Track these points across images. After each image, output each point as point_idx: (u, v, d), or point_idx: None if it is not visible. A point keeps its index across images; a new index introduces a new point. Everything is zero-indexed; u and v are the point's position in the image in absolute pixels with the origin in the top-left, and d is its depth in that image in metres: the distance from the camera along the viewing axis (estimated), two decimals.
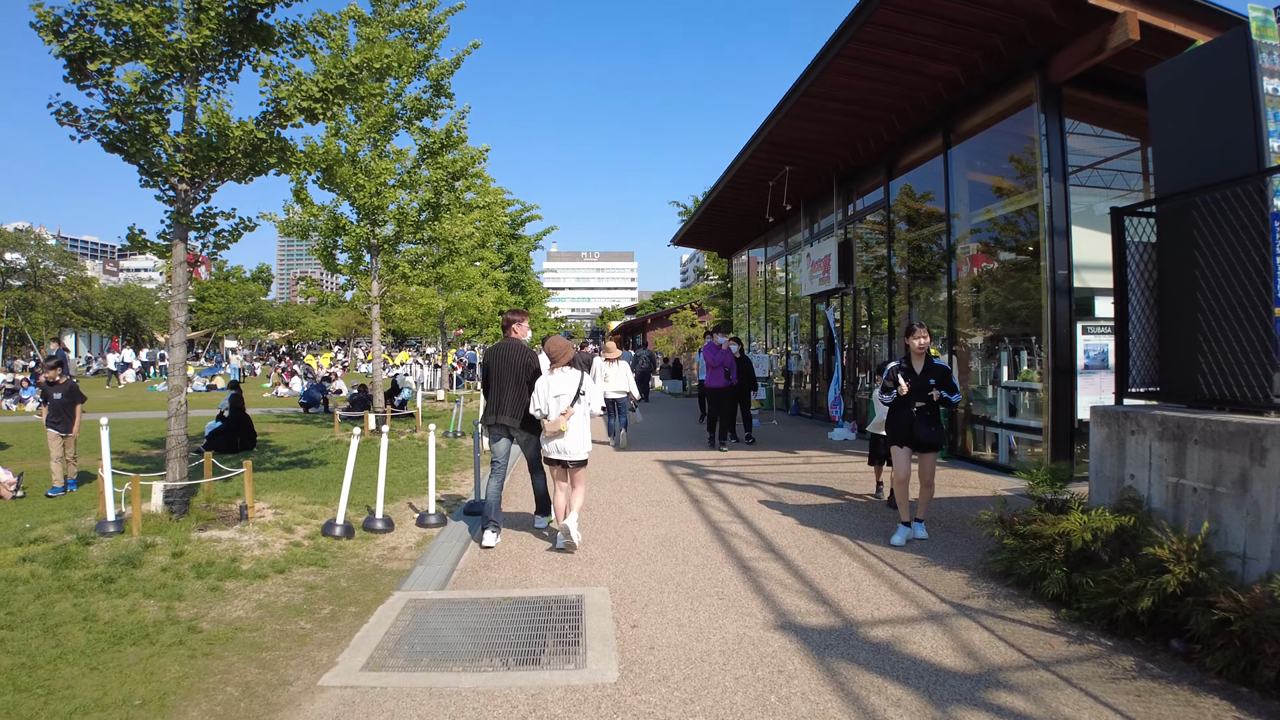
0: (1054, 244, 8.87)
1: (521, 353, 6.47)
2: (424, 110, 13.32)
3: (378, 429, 13.27)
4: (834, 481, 8.64)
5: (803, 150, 13.45)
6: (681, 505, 7.45)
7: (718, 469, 9.73)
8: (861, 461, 10.11)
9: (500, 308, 25.59)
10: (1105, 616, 4.25)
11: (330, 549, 6.10)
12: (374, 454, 11.07)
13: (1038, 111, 9.07)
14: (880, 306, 13.63)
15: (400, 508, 7.67)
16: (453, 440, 12.63)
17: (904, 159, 12.35)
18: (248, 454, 11.59)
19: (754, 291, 22.00)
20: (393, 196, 12.72)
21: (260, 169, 7.14)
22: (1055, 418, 8.81)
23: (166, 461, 6.70)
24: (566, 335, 49.74)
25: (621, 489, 8.38)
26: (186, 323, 6.80)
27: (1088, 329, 8.98)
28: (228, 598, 5.00)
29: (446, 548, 6.11)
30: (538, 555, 5.88)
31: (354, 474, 6.76)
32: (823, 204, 15.56)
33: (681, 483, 8.70)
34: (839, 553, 5.79)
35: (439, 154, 13.11)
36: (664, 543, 6.08)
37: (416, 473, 9.66)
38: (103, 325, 51.44)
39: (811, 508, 7.31)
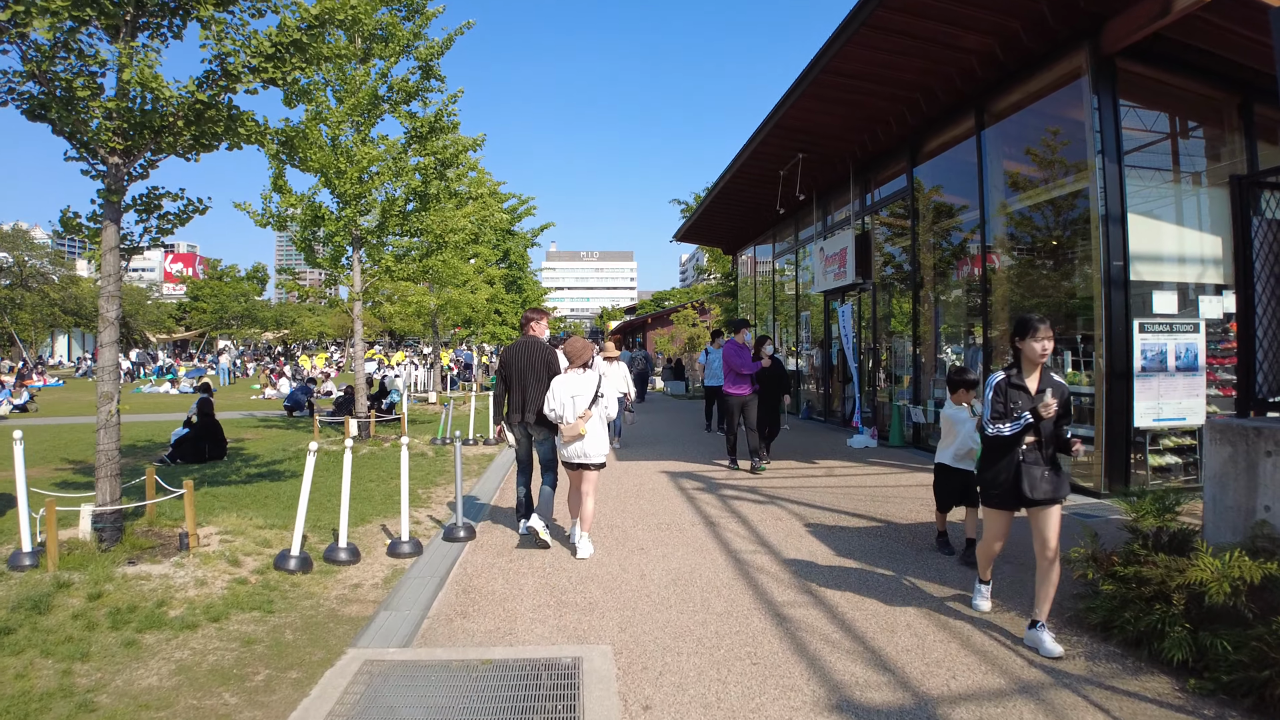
0: (1108, 232, 7.92)
1: (544, 351, 6.40)
2: (412, 94, 12.36)
3: (360, 435, 12.38)
4: (863, 499, 7.68)
5: (818, 135, 12.49)
6: (694, 529, 6.48)
7: (731, 483, 8.78)
8: (890, 473, 9.17)
9: (496, 305, 24.64)
10: (1253, 693, 3.30)
11: (281, 587, 5.13)
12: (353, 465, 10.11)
13: (1088, 86, 8.11)
14: (902, 303, 12.67)
15: (372, 531, 6.70)
16: (441, 448, 11.67)
17: (930, 143, 11.38)
18: (216, 464, 10.63)
19: (761, 289, 21.03)
20: (377, 184, 11.75)
21: (207, 141, 6.16)
22: (1110, 426, 7.87)
23: (95, 481, 5.74)
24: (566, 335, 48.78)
25: (625, 508, 7.41)
26: (119, 318, 5.83)
27: (1145, 327, 8.02)
28: (144, 656, 4.04)
29: (418, 586, 5.15)
30: (526, 593, 4.92)
31: (327, 489, 5.78)
32: (838, 194, 14.59)
33: (692, 500, 7.74)
34: (889, 594, 4.82)
35: (428, 139, 12.15)
36: (678, 580, 5.11)
37: (397, 486, 8.68)
38: (92, 325, 50.39)
39: (844, 533, 6.34)
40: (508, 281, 26.31)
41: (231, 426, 16.02)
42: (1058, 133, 9.29)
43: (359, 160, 11.63)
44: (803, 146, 13.00)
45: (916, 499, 7.61)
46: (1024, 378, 4.15)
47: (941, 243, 11.62)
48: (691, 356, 37.56)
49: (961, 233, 11.00)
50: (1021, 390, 4.10)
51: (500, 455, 11.20)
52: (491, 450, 11.79)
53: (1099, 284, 7.95)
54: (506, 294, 25.59)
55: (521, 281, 26.72)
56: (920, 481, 8.65)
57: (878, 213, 13.32)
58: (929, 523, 6.61)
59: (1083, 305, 8.95)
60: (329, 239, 11.66)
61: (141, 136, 5.72)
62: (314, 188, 11.83)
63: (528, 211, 27.15)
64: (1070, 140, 9.02)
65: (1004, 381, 4.14)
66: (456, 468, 6.33)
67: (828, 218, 15.26)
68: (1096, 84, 8.03)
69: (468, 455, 11.13)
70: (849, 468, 9.66)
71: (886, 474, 9.19)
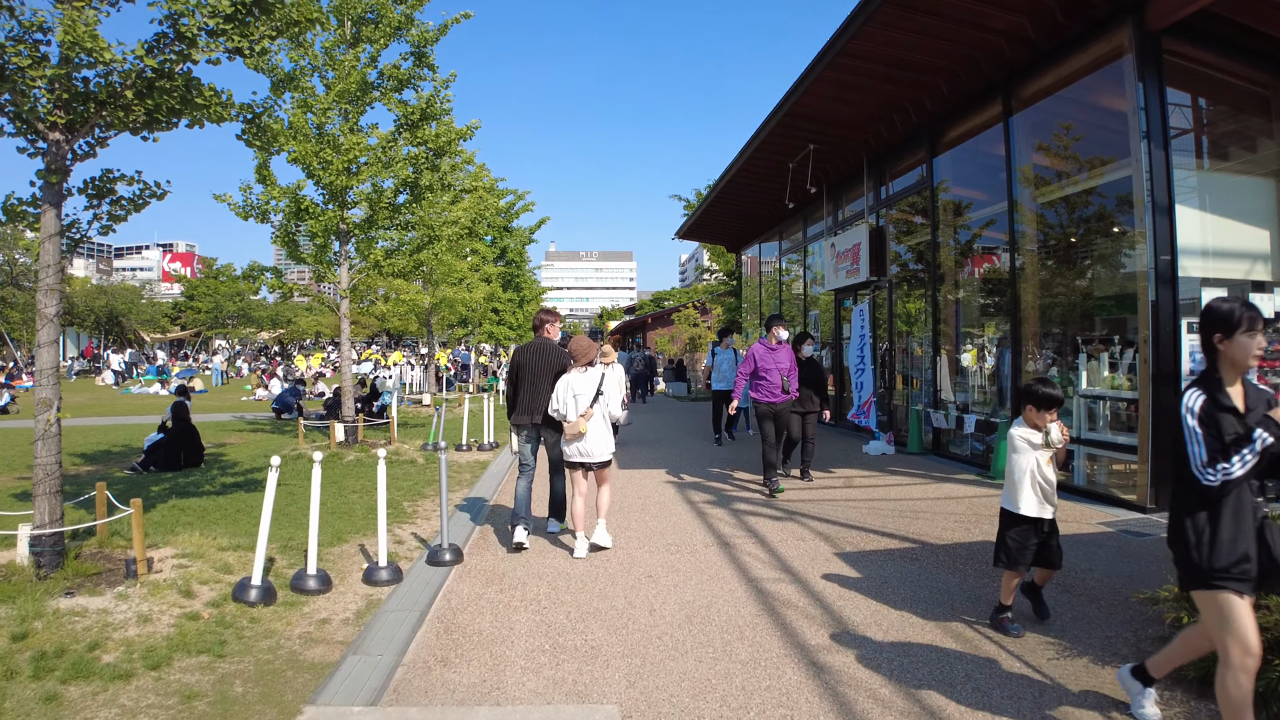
0: (1155, 223, 7.28)
1: (557, 353, 6.34)
2: (404, 81, 11.71)
3: (347, 440, 11.72)
4: (890, 515, 7.02)
5: (831, 124, 11.84)
6: (707, 551, 5.81)
7: (743, 495, 8.12)
8: (914, 484, 8.51)
9: (494, 304, 24.00)
10: None
11: (237, 624, 4.47)
12: (336, 474, 9.47)
13: (1132, 66, 7.47)
14: (920, 301, 12.03)
15: (348, 553, 6.03)
16: (431, 455, 11.00)
17: (951, 131, 10.73)
18: (192, 471, 9.97)
19: (766, 288, 20.38)
20: (365, 175, 11.09)
21: (163, 117, 5.50)
22: (1156, 433, 7.21)
23: (34, 499, 5.08)
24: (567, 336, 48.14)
25: (629, 525, 6.75)
26: (58, 316, 5.16)
27: (1194, 327, 7.38)
28: (63, 715, 3.39)
29: (394, 622, 4.49)
30: (518, 633, 4.26)
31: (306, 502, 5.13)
32: (850, 187, 13.94)
33: (702, 516, 7.08)
34: (940, 635, 4.17)
35: (419, 127, 11.49)
36: (693, 617, 4.45)
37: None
38: (85, 324, 49.72)
39: (876, 557, 5.68)
40: (505, 279, 25.65)
41: (215, 430, 15.38)
42: (1095, 118, 8.66)
43: (346, 150, 10.98)
44: (814, 137, 12.36)
45: (949, 515, 6.96)
46: (1227, 392, 2.87)
47: (964, 237, 10.97)
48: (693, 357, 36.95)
49: (986, 226, 10.35)
50: (1229, 412, 2.82)
51: (495, 462, 10.55)
52: (485, 456, 11.13)
53: (1144, 280, 7.31)
54: (504, 292, 24.93)
55: (519, 280, 26.06)
56: (948, 494, 8.00)
57: (893, 207, 12.67)
58: (966, 543, 5.96)
59: (1120, 303, 8.32)
60: (313, 234, 10.99)
61: (86, 110, 5.07)
62: (298, 183, 11.14)
63: (525, 208, 26.52)
64: (1110, 126, 8.36)
65: (1207, 403, 2.84)
66: (442, 482, 5.66)
67: (838, 213, 14.61)
68: (1141, 63, 7.39)
69: (460, 462, 10.47)
70: (869, 478, 9.01)
71: (910, 485, 8.53)
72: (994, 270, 10.29)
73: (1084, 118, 8.93)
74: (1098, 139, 8.62)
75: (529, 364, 6.26)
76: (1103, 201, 8.55)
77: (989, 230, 10.30)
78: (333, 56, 11.46)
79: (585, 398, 5.79)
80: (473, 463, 10.44)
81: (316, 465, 5.19)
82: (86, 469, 10.44)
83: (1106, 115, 8.57)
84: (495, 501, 7.87)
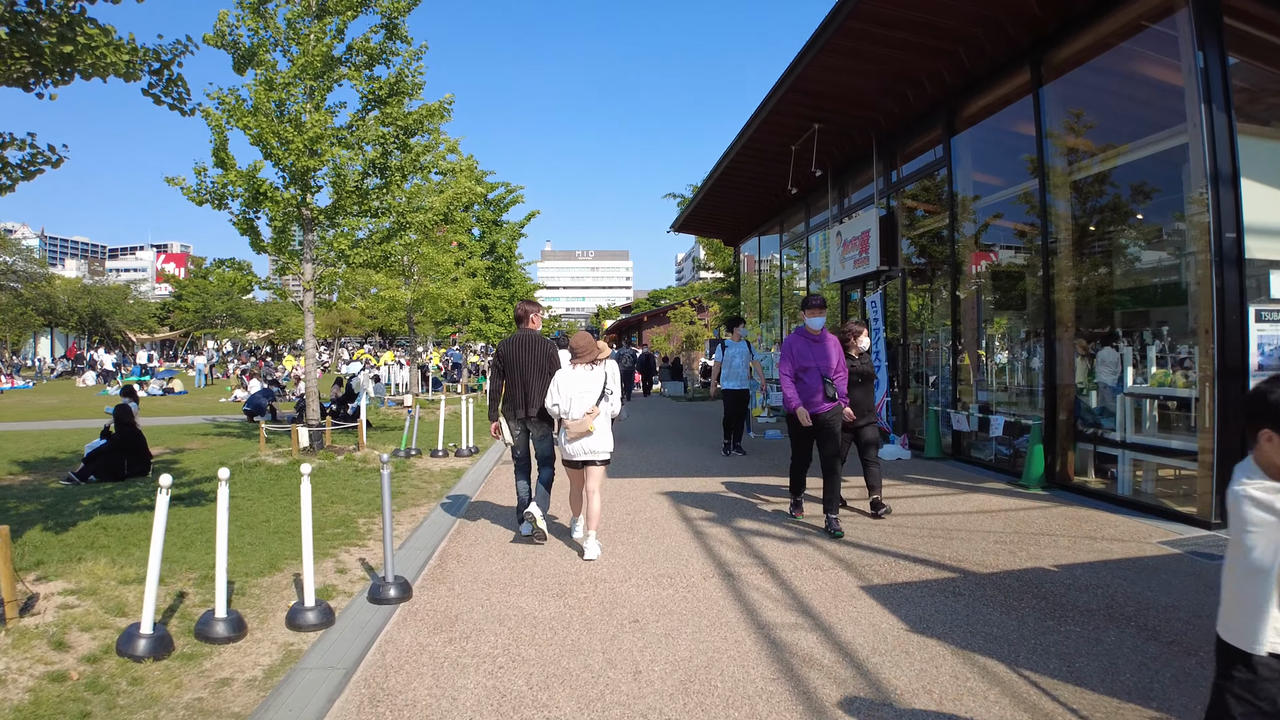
0: (1219, 197, 6.35)
1: (544, 345, 6.28)
2: (374, 56, 10.77)
3: (311, 446, 10.74)
4: (919, 534, 6.07)
5: (838, 101, 10.89)
6: (707, 585, 4.85)
7: (750, 511, 7.18)
8: (940, 495, 7.56)
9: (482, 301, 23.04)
10: None
11: (114, 685, 3.52)
12: (292, 484, 8.50)
13: (1188, 19, 6.55)
14: (937, 292, 11.09)
15: (279, 584, 5.07)
16: (403, 462, 10.03)
17: (971, 106, 9.79)
18: (134, 482, 9.00)
19: (767, 283, 19.42)
20: (330, 156, 10.13)
21: (51, 65, 4.54)
22: (1221, 436, 6.27)
23: None
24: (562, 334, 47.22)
25: (615, 548, 5.79)
26: None
27: (1263, 315, 6.46)
28: None
29: (309, 685, 3.53)
30: (462, 706, 3.30)
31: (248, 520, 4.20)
32: (858, 171, 13.00)
33: (701, 536, 6.12)
34: (1010, 707, 3.21)
35: (387, 103, 10.54)
36: (690, 683, 3.48)
37: (337, 514, 7.07)
38: (69, 325, 48.64)
39: (912, 590, 4.73)
40: (495, 276, 24.66)
41: (179, 434, 14.41)
42: (1139, 85, 7.74)
43: (309, 128, 10.03)
44: (820, 115, 11.41)
45: (986, 534, 6.01)
46: None
47: (987, 221, 10.03)
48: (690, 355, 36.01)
49: (1011, 207, 9.41)
50: None
51: (472, 470, 9.59)
52: (462, 463, 10.16)
53: (1207, 262, 6.37)
54: (493, 289, 23.96)
55: (509, 275, 25.06)
56: (980, 506, 7.06)
57: (905, 190, 11.73)
58: (1015, 572, 5.02)
59: (1170, 290, 7.40)
60: (272, 219, 10.03)
61: None
62: (255, 163, 10.17)
63: (515, 200, 25.52)
64: (1157, 94, 7.46)
65: None
66: (385, 506, 4.70)
67: (844, 200, 13.66)
68: (1198, 16, 6.46)
69: (431, 470, 9.50)
70: (887, 487, 8.00)
71: (935, 496, 7.59)
72: (1021, 256, 9.37)
73: (1125, 86, 8.02)
74: (1143, 108, 7.71)
75: (517, 356, 6.16)
76: (1148, 177, 7.63)
77: (1015, 213, 9.37)
78: (296, 30, 10.51)
79: (591, 395, 5.67)
80: (446, 471, 9.47)
81: (223, 484, 4.21)
82: (22, 478, 9.47)
83: (1153, 82, 7.67)
84: (463, 518, 6.91)
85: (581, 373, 5.76)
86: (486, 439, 12.39)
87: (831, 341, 6.44)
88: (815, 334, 6.42)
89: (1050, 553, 5.46)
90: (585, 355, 5.80)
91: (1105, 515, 6.69)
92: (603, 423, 5.72)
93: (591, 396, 5.68)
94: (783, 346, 6.51)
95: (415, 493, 8.02)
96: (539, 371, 6.12)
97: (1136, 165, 7.62)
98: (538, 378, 6.10)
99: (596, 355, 5.84)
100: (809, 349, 6.33)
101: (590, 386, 5.71)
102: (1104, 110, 8.20)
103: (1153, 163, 7.42)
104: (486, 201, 24.51)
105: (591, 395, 5.69)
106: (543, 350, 6.22)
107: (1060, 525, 6.31)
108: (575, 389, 5.70)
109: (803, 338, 6.41)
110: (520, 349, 6.19)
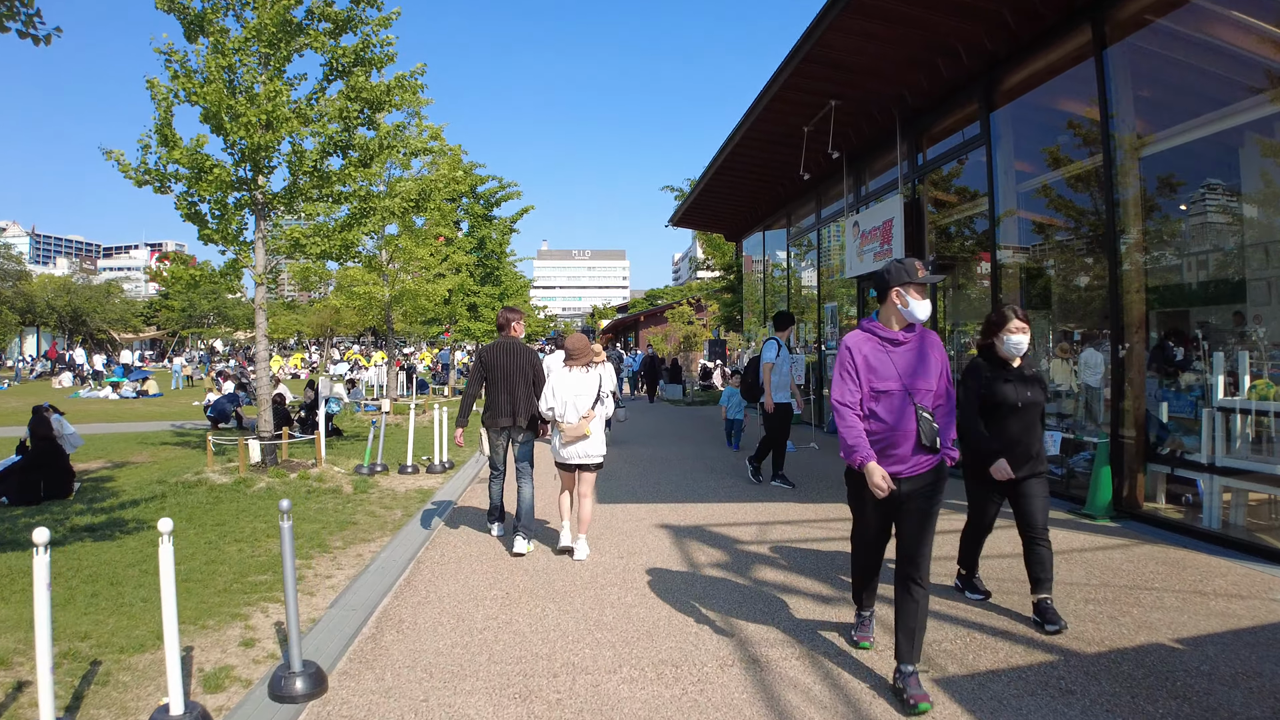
0: None
1: (529, 353, 6.25)
2: (338, 23, 9.53)
3: (263, 462, 9.48)
4: (990, 588, 4.86)
5: (858, 74, 9.66)
6: (726, 678, 3.59)
7: (773, 553, 5.97)
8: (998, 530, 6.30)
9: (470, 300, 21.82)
10: None
11: None
12: (231, 510, 7.27)
13: None
14: (974, 288, 9.90)
15: (160, 667, 3.83)
16: (365, 480, 8.79)
17: (1014, 76, 8.58)
18: (51, 505, 7.77)
19: (772, 279, 18.20)
20: (285, 131, 8.90)
21: None
22: None
23: None
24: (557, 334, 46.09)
25: (603, 613, 4.55)
26: None
27: None
28: None
29: None
30: None
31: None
32: (878, 154, 11.79)
33: (713, 598, 4.89)
34: None
35: (351, 73, 9.32)
36: None
37: (266, 555, 5.83)
38: (48, 323, 47.26)
39: (1003, 684, 3.52)
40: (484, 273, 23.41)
41: (132, 443, 13.16)
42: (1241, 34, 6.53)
43: (264, 100, 8.80)
44: (837, 90, 10.19)
45: (1071, 587, 4.81)
46: None
47: (1032, 206, 8.81)
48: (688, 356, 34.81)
49: (1068, 189, 8.20)
50: None
51: (442, 490, 8.36)
52: (432, 481, 8.93)
53: None
54: (482, 286, 22.72)
55: (500, 273, 23.82)
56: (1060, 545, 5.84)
57: (932, 174, 10.52)
58: (1127, 651, 3.80)
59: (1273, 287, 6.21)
60: (213, 203, 8.80)
61: None
62: (199, 137, 8.93)
63: (507, 195, 24.30)
64: (1255, 49, 6.25)
65: None
66: (287, 568, 3.48)
67: (861, 187, 12.44)
68: None
69: (396, 491, 8.26)
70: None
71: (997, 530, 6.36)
72: (1080, 245, 8.17)
73: (1213, 42, 6.80)
74: (1242, 67, 6.49)
75: (501, 364, 6.08)
76: (1242, 151, 6.45)
77: (1068, 195, 8.18)
78: None
79: (586, 399, 5.58)
80: (411, 492, 8.23)
81: (41, 556, 2.95)
82: None
83: (1258, 30, 6.46)
84: (418, 561, 5.67)
85: (577, 375, 5.65)
86: (464, 452, 11.17)
87: (932, 344, 3.60)
88: (900, 335, 3.53)
89: (1160, 617, 4.25)
90: (580, 357, 5.68)
91: (1200, 557, 5.48)
92: (598, 426, 5.65)
93: (587, 399, 5.59)
94: (839, 354, 3.64)
95: (369, 522, 6.79)
96: (525, 380, 6.05)
97: (1227, 136, 6.43)
98: (524, 386, 6.04)
99: (592, 357, 5.76)
100: (887, 357, 3.51)
101: (586, 389, 5.61)
102: (1182, 72, 7.02)
103: (1254, 130, 6.22)
104: (475, 195, 23.29)
105: (587, 398, 5.59)
106: (527, 359, 6.15)
107: (1153, 573, 5.11)
108: (571, 392, 5.58)
109: (875, 336, 3.56)
110: (505, 357, 6.09)
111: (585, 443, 5.56)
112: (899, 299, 3.50)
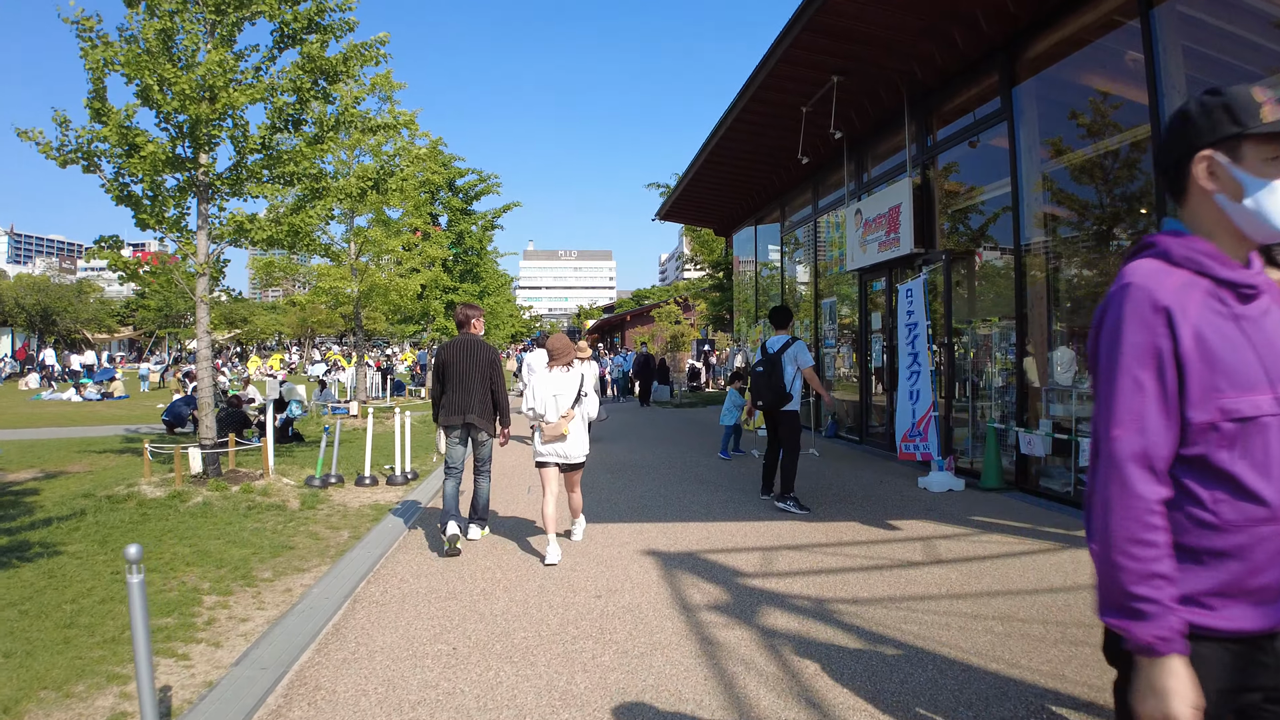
0: None
1: (487, 350, 6.14)
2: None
3: (205, 472, 8.51)
4: (1049, 642, 3.97)
5: (865, 45, 8.81)
6: None
7: (785, 586, 5.09)
8: (1040, 553, 5.42)
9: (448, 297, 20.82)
10: None
11: None
12: (158, 529, 6.31)
13: None
14: (992, 279, 9.06)
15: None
16: (315, 495, 7.84)
17: (1040, 44, 7.76)
18: None
19: (764, 275, 17.34)
20: (226, 102, 7.95)
21: None
22: None
23: None
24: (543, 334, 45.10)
25: (573, 677, 3.66)
26: None
27: None
28: None
29: None
30: None
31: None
32: (883, 136, 10.94)
33: (711, 642, 4.00)
34: None
35: (304, 41, 8.38)
36: None
37: (176, 589, 4.88)
38: (16, 322, 45.74)
39: None
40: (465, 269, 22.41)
41: (76, 448, 12.15)
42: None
43: (200, 68, 7.85)
44: (842, 64, 9.34)
45: None
46: None
47: (1066, 189, 7.97)
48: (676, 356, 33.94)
49: (1106, 168, 7.36)
50: None
51: (400, 505, 7.41)
52: (391, 495, 7.99)
53: None
54: (461, 283, 21.74)
55: (480, 269, 22.82)
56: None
57: (945, 155, 9.67)
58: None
59: None
60: (141, 175, 7.83)
61: None
62: (128, 107, 7.97)
63: (488, 189, 23.30)
64: None
65: None
66: (137, 638, 2.56)
67: (864, 173, 11.60)
68: None
69: (349, 506, 7.32)
70: (952, 539, 5.95)
71: (1030, 554, 5.48)
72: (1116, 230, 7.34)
73: None
74: None
75: (456, 362, 6.03)
76: None
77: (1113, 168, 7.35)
78: None
79: (566, 398, 5.59)
80: (365, 508, 7.28)
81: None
82: None
83: None
84: (355, 599, 4.73)
85: (558, 374, 5.63)
86: (431, 461, 10.23)
87: None
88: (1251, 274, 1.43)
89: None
90: (562, 357, 5.67)
91: None
92: (578, 425, 5.65)
93: (567, 399, 5.57)
94: (1123, 323, 1.40)
95: (309, 547, 5.84)
96: (481, 377, 6.02)
97: None
98: (480, 383, 6.02)
99: (573, 357, 5.75)
100: (1236, 331, 1.39)
101: (566, 389, 5.59)
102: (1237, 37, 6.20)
103: None
104: (453, 189, 22.31)
105: (567, 398, 5.57)
106: (485, 355, 6.09)
107: None
108: (551, 391, 5.56)
109: (1208, 281, 1.42)
110: (461, 354, 6.03)
111: (564, 443, 5.56)
112: (1225, 178, 1.42)
